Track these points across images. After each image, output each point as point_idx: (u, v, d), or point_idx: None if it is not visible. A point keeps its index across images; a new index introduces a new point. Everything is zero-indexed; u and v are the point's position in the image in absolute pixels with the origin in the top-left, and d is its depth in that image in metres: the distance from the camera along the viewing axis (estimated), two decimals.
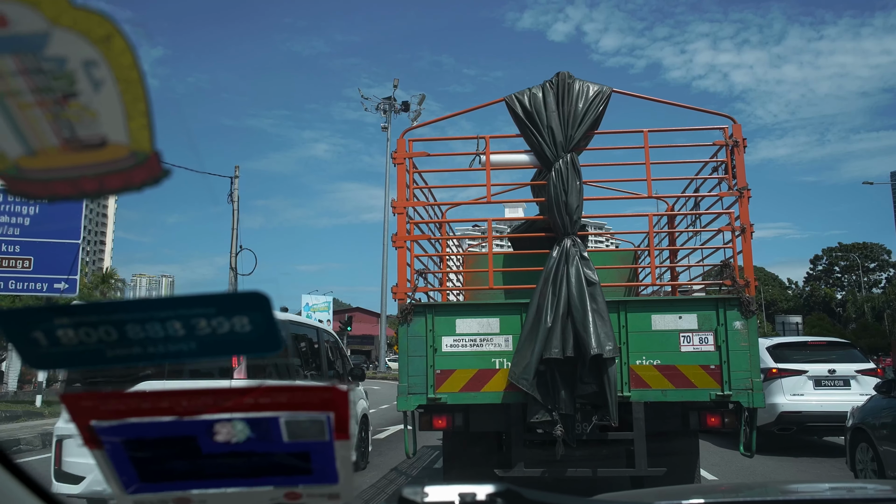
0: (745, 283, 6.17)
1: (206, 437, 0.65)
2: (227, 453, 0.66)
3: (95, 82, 0.60)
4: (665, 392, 6.05)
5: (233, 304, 0.61)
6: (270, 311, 0.61)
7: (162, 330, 0.62)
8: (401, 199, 6.63)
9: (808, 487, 3.13)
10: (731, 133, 6.45)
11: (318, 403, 0.61)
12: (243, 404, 0.62)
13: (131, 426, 0.65)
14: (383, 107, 32.98)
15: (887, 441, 7.16)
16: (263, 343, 0.62)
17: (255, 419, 0.63)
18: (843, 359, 11.36)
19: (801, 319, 63.49)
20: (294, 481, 0.68)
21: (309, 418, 0.62)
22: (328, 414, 0.62)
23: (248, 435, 0.64)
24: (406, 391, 6.22)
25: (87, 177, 0.64)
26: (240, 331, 0.61)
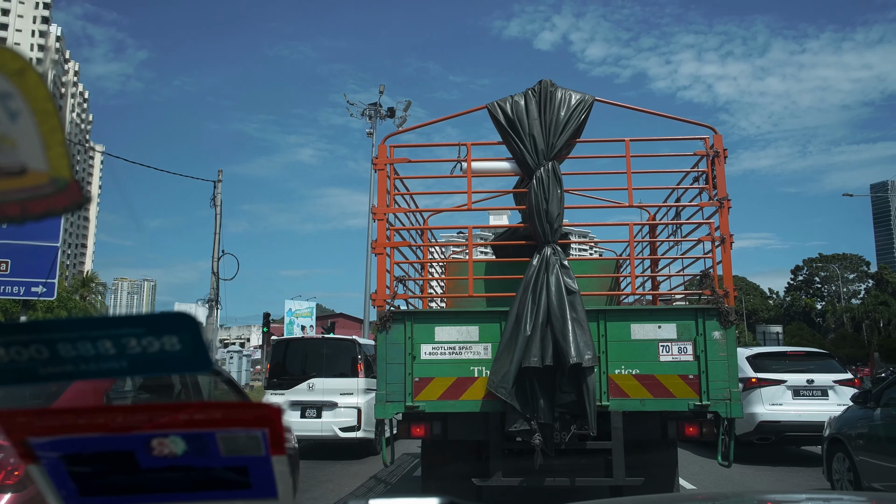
0: (725, 293, 6.19)
1: (143, 453, 0.66)
2: (165, 468, 0.67)
3: (11, 113, 0.64)
4: (644, 402, 6.06)
5: (162, 325, 0.62)
6: (199, 330, 0.62)
7: (93, 348, 0.63)
8: (381, 205, 6.60)
9: (785, 497, 3.13)
10: (712, 143, 6.49)
11: (252, 420, 0.62)
12: (178, 420, 0.63)
13: (68, 442, 0.66)
14: (369, 112, 32.89)
15: (863, 451, 7.21)
16: (193, 362, 0.63)
17: (191, 435, 0.64)
18: (822, 369, 11.45)
19: (781, 329, 64.14)
20: (233, 496, 0.69)
21: (244, 434, 0.63)
22: (263, 430, 0.62)
23: (185, 450, 0.65)
24: (384, 399, 6.19)
25: (10, 202, 0.67)
26: (170, 350, 0.62)
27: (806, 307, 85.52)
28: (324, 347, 12.34)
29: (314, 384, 11.38)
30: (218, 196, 24.64)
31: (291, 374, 11.86)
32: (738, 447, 10.06)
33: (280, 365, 12.19)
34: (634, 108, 7.04)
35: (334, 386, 11.42)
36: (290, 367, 12.14)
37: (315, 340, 13.61)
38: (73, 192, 0.68)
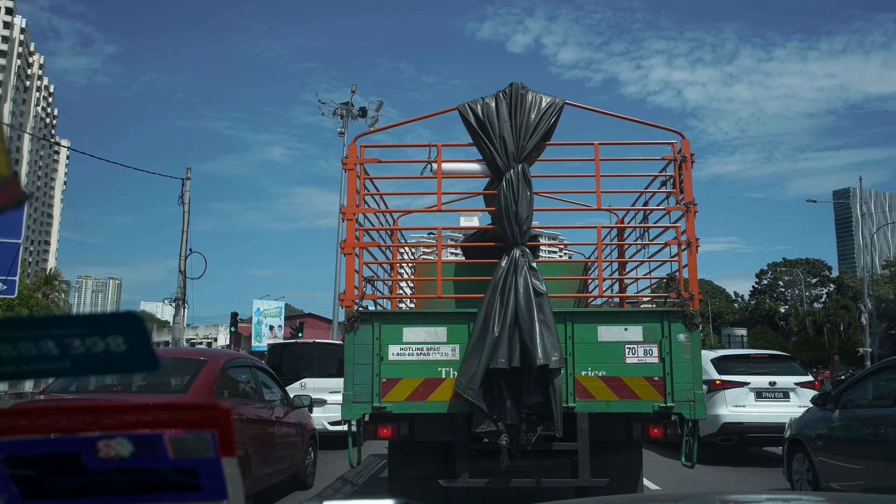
0: (690, 296, 6.27)
1: (89, 454, 0.65)
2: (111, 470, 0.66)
3: None
4: (609, 403, 6.11)
5: (107, 325, 0.61)
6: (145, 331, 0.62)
7: (35, 349, 0.62)
8: (350, 205, 6.57)
9: (746, 497, 3.18)
10: (680, 148, 6.56)
11: (201, 421, 0.61)
12: (125, 422, 0.62)
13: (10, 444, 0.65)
14: (341, 112, 32.71)
15: (822, 452, 7.35)
16: (139, 362, 0.63)
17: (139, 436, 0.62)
18: (784, 371, 11.65)
19: (745, 332, 65.16)
20: (182, 498, 0.68)
21: (193, 436, 0.61)
22: (212, 431, 0.61)
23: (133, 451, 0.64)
24: (351, 399, 6.16)
25: None
26: (115, 350, 0.62)
27: (770, 311, 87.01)
28: (314, 351, 13.96)
29: (306, 383, 12.37)
30: (186, 194, 24.35)
31: (286, 375, 12.63)
32: (701, 448, 10.19)
33: (276, 366, 12.91)
34: (604, 111, 7.09)
35: (323, 385, 12.29)
36: (285, 369, 13.21)
37: (307, 345, 15.08)
38: (12, 189, 0.66)
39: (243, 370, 7.86)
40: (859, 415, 6.98)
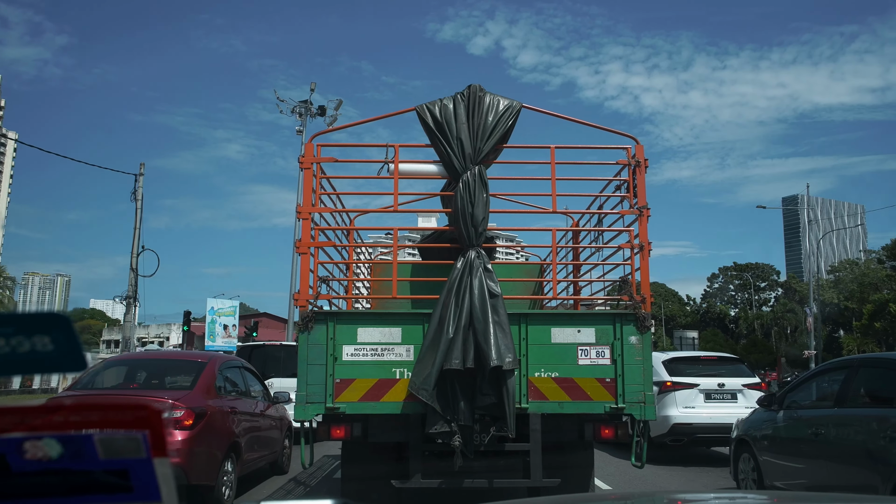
0: (642, 299, 6.37)
1: (15, 456, 0.63)
2: (40, 472, 0.64)
3: None
4: (562, 404, 6.17)
5: (33, 324, 0.60)
6: (73, 331, 0.61)
7: None
8: (306, 204, 6.52)
9: (693, 497, 3.24)
10: (634, 153, 6.66)
11: (131, 421, 0.60)
12: (53, 422, 0.60)
13: None
14: (299, 110, 32.39)
15: (767, 452, 7.54)
16: (66, 361, 0.62)
17: (67, 437, 0.61)
18: (732, 373, 11.91)
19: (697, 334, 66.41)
20: (114, 499, 0.67)
21: (124, 436, 0.60)
22: (143, 432, 0.60)
23: (61, 453, 0.62)
24: (304, 400, 6.11)
25: None
26: (41, 350, 0.61)
27: (720, 314, 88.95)
28: (281, 352, 14.53)
29: (273, 383, 12.46)
30: (139, 190, 23.86)
31: None
32: (652, 448, 10.36)
33: None
34: (560, 115, 7.15)
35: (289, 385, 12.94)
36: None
37: (274, 346, 15.56)
38: None
39: (234, 370, 8.88)
40: (802, 415, 7.17)
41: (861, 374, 6.74)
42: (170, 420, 6.81)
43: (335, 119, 32.17)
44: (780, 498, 3.67)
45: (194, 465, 6.97)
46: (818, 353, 39.73)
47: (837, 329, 69.17)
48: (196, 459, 7.01)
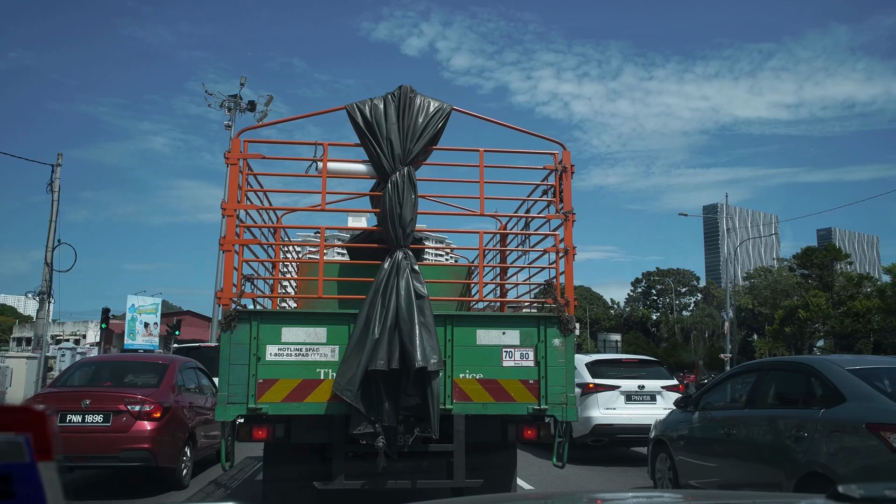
0: (566, 302, 6.49)
1: None
2: None
3: None
4: (486, 405, 6.23)
5: None
6: None
7: None
8: (231, 200, 6.39)
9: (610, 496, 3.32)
10: (561, 159, 6.78)
11: (12, 424, 0.56)
12: None
13: None
14: (228, 104, 31.67)
15: (682, 451, 7.79)
16: None
17: None
18: (652, 375, 12.28)
19: (620, 337, 68.15)
20: None
21: (3, 439, 0.57)
22: (26, 435, 0.57)
23: None
24: (225, 401, 5.98)
25: None
26: None
27: (643, 317, 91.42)
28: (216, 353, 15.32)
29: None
30: (56, 181, 22.92)
31: None
32: (574, 449, 10.57)
33: None
34: (489, 119, 7.20)
35: None
36: None
37: (209, 348, 15.89)
38: None
39: (190, 370, 10.20)
40: (715, 416, 7.44)
41: (770, 376, 7.05)
42: (141, 412, 8.29)
43: (265, 115, 31.63)
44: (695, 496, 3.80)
45: (160, 451, 8.37)
46: (734, 357, 41.33)
47: (752, 333, 72.01)
48: (162, 446, 8.40)
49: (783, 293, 61.40)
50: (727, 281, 48.21)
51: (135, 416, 8.27)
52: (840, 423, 5.54)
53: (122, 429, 8.19)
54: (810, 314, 52.60)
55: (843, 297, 52.95)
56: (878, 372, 5.95)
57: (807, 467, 5.67)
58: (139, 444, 8.18)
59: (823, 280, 55.74)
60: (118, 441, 8.13)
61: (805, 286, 57.19)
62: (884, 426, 5.15)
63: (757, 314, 67.95)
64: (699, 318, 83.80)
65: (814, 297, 52.93)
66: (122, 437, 8.16)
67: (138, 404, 8.29)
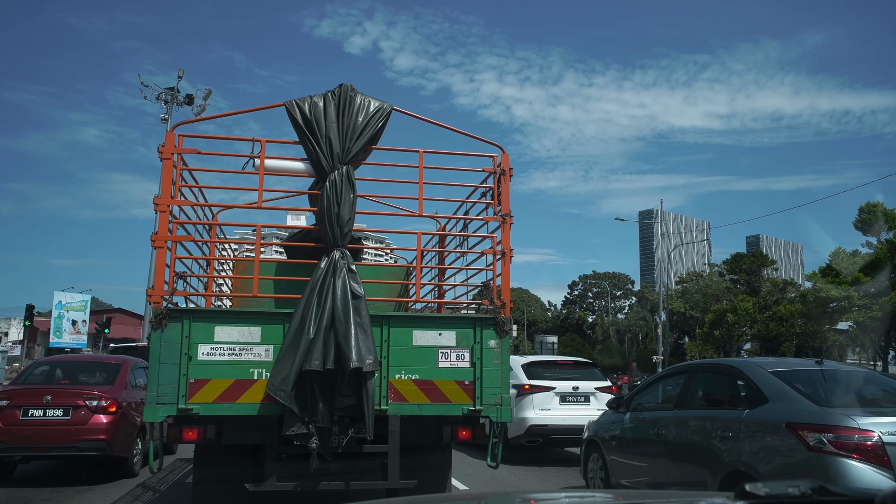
0: (502, 304, 6.55)
1: None
2: None
3: None
4: (421, 406, 6.23)
5: None
6: None
7: None
8: (165, 196, 6.23)
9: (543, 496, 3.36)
10: (500, 162, 6.84)
11: None
12: None
13: None
14: (165, 97, 30.96)
15: (614, 452, 7.95)
16: None
17: None
18: (586, 377, 12.48)
19: (556, 339, 69.15)
20: None
21: None
22: None
23: None
24: (154, 401, 5.83)
25: None
26: None
27: (579, 319, 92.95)
28: None
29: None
30: None
31: None
32: (510, 449, 10.69)
33: None
34: (429, 120, 7.21)
35: None
36: None
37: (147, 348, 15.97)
38: None
39: (139, 369, 10.59)
40: (646, 417, 7.62)
41: (698, 378, 7.26)
42: (98, 407, 9.18)
43: (203, 109, 31.01)
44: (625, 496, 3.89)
45: (115, 442, 9.22)
46: (665, 359, 42.40)
47: (683, 336, 73.96)
48: (117, 437, 9.26)
49: (713, 297, 63.31)
50: (660, 285, 49.43)
51: (92, 410, 9.17)
52: (762, 423, 5.75)
53: (80, 421, 9.06)
54: (738, 318, 54.36)
55: (769, 301, 54.87)
56: (797, 374, 6.20)
57: (731, 466, 5.86)
58: (96, 435, 9.05)
59: (751, 285, 57.67)
60: (77, 432, 9.00)
61: (734, 291, 59.06)
62: (802, 426, 5.36)
63: (688, 317, 69.85)
64: (633, 321, 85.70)
65: (742, 302, 54.74)
66: (80, 428, 9.02)
67: (95, 399, 9.21)
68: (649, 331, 75.60)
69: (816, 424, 5.29)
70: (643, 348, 73.15)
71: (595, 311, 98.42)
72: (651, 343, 69.33)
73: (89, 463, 9.95)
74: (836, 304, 44.24)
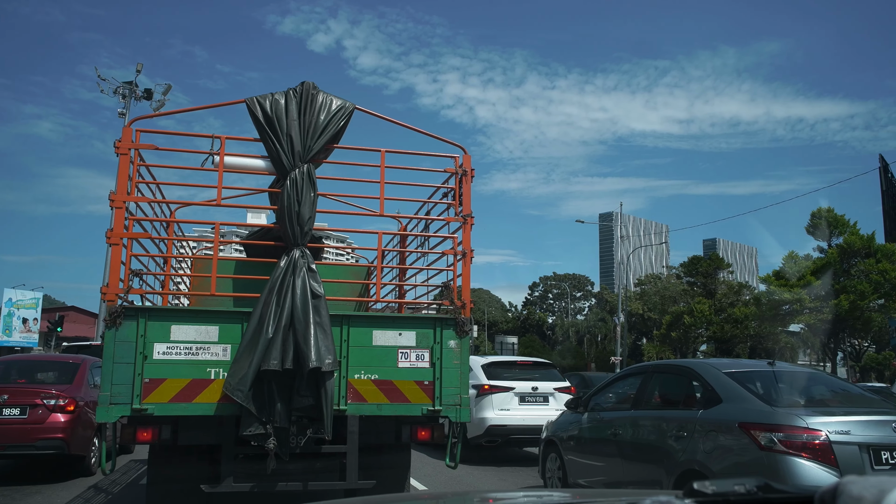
0: (462, 304, 6.57)
1: None
2: None
3: None
4: (380, 406, 6.22)
5: None
6: None
7: None
8: (121, 192, 6.11)
9: (500, 495, 3.38)
10: (462, 163, 6.86)
11: None
12: None
13: None
14: (123, 91, 30.34)
15: (572, 451, 8.03)
16: None
17: None
18: (545, 378, 12.58)
19: (516, 340, 69.57)
20: None
21: None
22: None
23: None
24: (107, 401, 5.71)
25: None
26: None
27: (539, 320, 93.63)
28: None
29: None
30: None
31: None
32: (469, 449, 10.71)
33: None
34: (391, 119, 7.18)
35: None
36: None
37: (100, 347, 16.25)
38: None
39: (97, 368, 10.19)
40: (603, 417, 7.71)
41: (654, 379, 7.38)
42: (56, 406, 9.15)
43: (163, 104, 30.48)
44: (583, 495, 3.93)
45: (73, 440, 9.19)
46: (623, 360, 42.95)
47: (641, 337, 74.95)
48: (75, 436, 9.23)
49: (671, 299, 64.26)
50: (619, 287, 50.08)
51: (50, 409, 9.15)
52: (716, 423, 5.87)
53: (38, 420, 9.03)
54: (695, 320, 55.29)
55: (725, 304, 55.94)
56: (750, 375, 6.34)
57: (686, 465, 5.97)
58: (54, 434, 9.04)
59: (707, 288, 58.70)
60: (34, 431, 8.97)
61: (691, 293, 60.04)
62: (754, 425, 5.49)
63: (646, 319, 70.79)
64: (592, 322, 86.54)
65: (698, 304, 55.68)
66: (38, 427, 8.99)
67: (53, 398, 9.21)
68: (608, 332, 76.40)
69: (767, 424, 5.43)
70: (602, 349, 73.90)
71: (555, 312, 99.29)
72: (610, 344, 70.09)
73: (46, 462, 9.83)
74: (788, 307, 45.34)
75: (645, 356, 60.46)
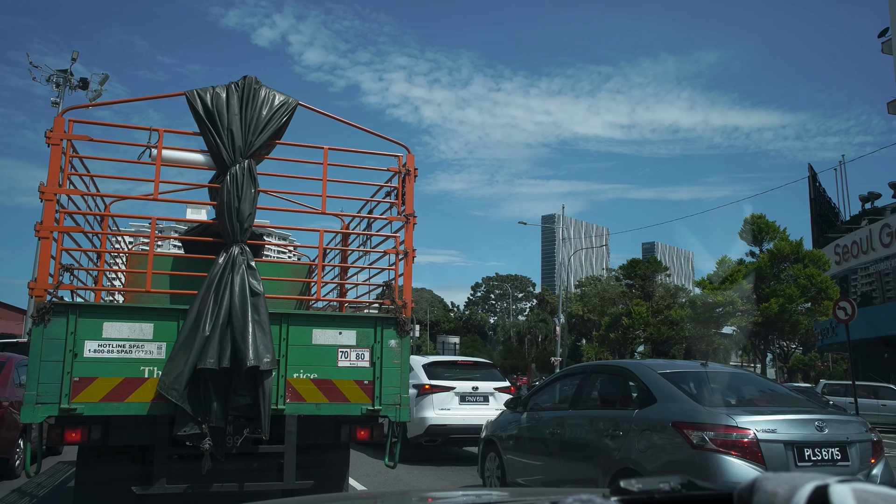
0: (403, 303, 6.56)
1: None
2: None
3: None
4: (319, 406, 6.17)
5: None
6: None
7: None
8: (52, 184, 5.91)
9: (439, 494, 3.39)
10: (405, 162, 6.86)
11: None
12: None
13: None
14: (57, 80, 29.27)
15: (510, 451, 8.11)
16: None
17: None
18: (486, 377, 12.67)
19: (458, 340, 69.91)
20: None
21: None
22: None
23: None
24: (33, 400, 5.51)
25: None
26: None
27: (481, 321, 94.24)
28: None
29: None
30: None
31: None
32: (408, 448, 10.70)
33: None
34: (335, 117, 7.12)
35: None
36: None
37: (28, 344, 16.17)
38: None
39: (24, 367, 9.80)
40: (542, 416, 7.81)
41: (593, 379, 7.51)
42: None
43: (99, 94, 29.52)
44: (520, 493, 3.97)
45: None
46: (563, 360, 43.58)
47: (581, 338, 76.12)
48: None
49: (610, 301, 65.43)
50: (560, 288, 50.78)
51: None
52: (651, 422, 6.01)
53: None
54: (633, 321, 56.44)
55: (661, 306, 57.24)
56: (684, 375, 6.51)
57: (621, 463, 6.09)
58: None
59: (645, 290, 59.98)
60: None
61: (629, 295, 61.25)
62: (686, 424, 5.65)
63: (586, 320, 71.93)
64: (533, 323, 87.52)
65: (636, 306, 56.85)
66: None
67: None
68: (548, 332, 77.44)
69: (699, 423, 5.59)
70: (542, 349, 74.85)
71: (497, 312, 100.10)
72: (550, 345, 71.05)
73: None
74: (721, 310, 46.69)
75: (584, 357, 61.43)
